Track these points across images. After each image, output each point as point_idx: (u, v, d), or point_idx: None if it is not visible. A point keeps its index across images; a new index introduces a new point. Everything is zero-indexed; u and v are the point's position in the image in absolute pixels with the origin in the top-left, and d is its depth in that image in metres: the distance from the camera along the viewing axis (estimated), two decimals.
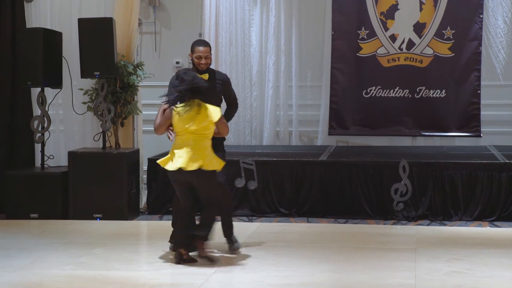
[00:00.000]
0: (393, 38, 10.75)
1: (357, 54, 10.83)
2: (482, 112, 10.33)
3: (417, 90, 10.70)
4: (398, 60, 10.75)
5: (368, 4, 10.75)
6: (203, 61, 7.04)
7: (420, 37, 10.66)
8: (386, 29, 10.76)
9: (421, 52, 10.65)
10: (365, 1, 10.74)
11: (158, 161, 6.91)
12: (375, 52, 10.79)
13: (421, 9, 10.68)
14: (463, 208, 8.75)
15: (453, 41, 10.58)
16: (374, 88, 10.79)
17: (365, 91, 10.81)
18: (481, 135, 10.50)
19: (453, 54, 10.57)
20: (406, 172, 8.74)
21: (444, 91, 10.63)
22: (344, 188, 8.95)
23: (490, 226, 8.53)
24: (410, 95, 10.71)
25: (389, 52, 10.77)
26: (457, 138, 10.69)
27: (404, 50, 10.75)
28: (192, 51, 7.05)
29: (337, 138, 10.99)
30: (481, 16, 10.50)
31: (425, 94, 10.62)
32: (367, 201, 8.90)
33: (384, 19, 10.76)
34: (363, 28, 10.80)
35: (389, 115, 10.75)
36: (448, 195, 8.76)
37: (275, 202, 9.06)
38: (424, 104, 10.65)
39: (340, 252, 7.38)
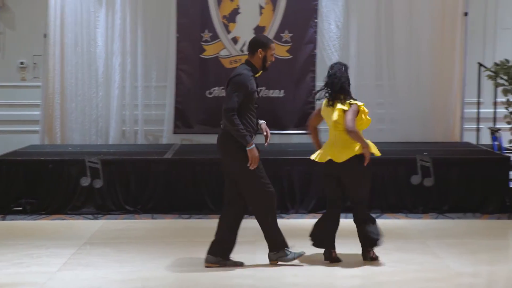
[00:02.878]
0: (235, 40, 11.10)
1: (201, 55, 11.09)
2: None
3: (258, 90, 11.05)
4: (240, 62, 10.89)
5: (211, 7, 11.04)
6: (273, 58, 6.95)
7: None
8: (228, 32, 11.10)
9: None
10: (208, 5, 11.02)
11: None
12: (218, 54, 11.10)
13: (260, 13, 11.09)
14: (299, 202, 9.19)
15: (290, 44, 11.04)
16: (217, 88, 11.08)
17: (208, 91, 11.08)
18: None
19: (291, 56, 11.02)
20: None
21: (283, 91, 11.08)
22: (188, 185, 9.18)
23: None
24: None
25: (231, 54, 11.11)
26: (294, 136, 11.12)
27: (245, 52, 11.00)
28: (267, 47, 6.78)
29: (182, 136, 11.22)
30: (315, 20, 11.00)
31: (265, 94, 11.01)
32: (210, 197, 9.15)
33: (226, 22, 11.09)
34: (206, 31, 11.08)
35: None
36: (286, 189, 9.17)
37: (120, 199, 9.16)
38: (264, 103, 10.93)
39: (184, 247, 7.58)
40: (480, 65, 10.81)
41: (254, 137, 6.83)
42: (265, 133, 6.90)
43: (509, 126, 9.61)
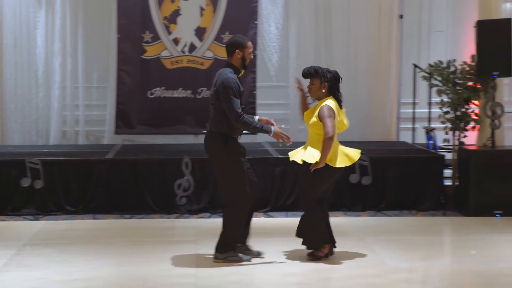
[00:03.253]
0: (176, 41, 11.13)
1: (142, 56, 11.08)
2: (258, 111, 10.83)
3: (199, 91, 11.11)
4: (181, 63, 11.14)
5: (152, 8, 11.04)
6: (252, 56, 7.01)
7: (201, 41, 11.10)
8: (169, 33, 11.12)
9: (202, 55, 11.11)
10: (148, 6, 11.03)
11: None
12: (159, 55, 11.10)
13: (201, 15, 11.12)
14: None
15: None
16: (158, 89, 11.10)
17: (150, 92, 11.09)
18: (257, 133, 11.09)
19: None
20: (189, 168, 9.14)
21: None
22: (129, 185, 9.18)
23: (264, 217, 9.08)
24: (192, 96, 11.11)
25: (172, 55, 11.13)
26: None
27: (187, 53, 11.14)
28: (244, 46, 6.88)
29: (123, 137, 11.19)
30: (255, 22, 11.08)
31: (206, 95, 11.02)
32: (151, 197, 9.18)
33: (167, 23, 11.11)
34: (147, 32, 11.08)
35: (173, 115, 11.09)
36: None
37: (61, 200, 9.12)
38: (206, 104, 10.89)
39: (125, 247, 7.60)
40: (415, 66, 11.06)
41: (240, 137, 6.99)
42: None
43: (443, 125, 9.85)
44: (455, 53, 11.04)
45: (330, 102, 6.87)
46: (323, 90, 6.93)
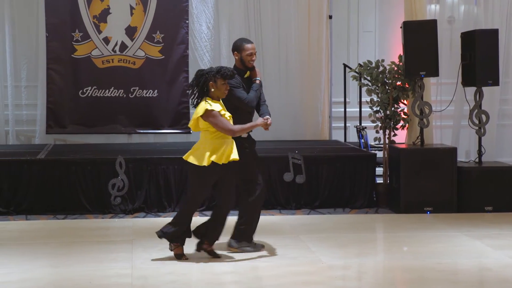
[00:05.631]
0: (106, 40, 11.04)
1: (72, 55, 10.97)
2: (191, 111, 10.65)
3: (131, 90, 11.05)
4: (112, 62, 11.05)
5: (81, 7, 10.93)
6: (254, 57, 7.08)
7: (132, 40, 11.04)
8: (100, 31, 11.02)
9: (133, 54, 11.05)
10: (77, 4, 10.91)
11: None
12: (89, 54, 11.00)
13: (131, 14, 11.06)
14: (175, 200, 9.27)
15: (162, 44, 11.06)
16: (90, 88, 11.00)
17: (81, 91, 10.98)
18: (191, 131, 11.08)
19: (163, 57, 11.04)
20: (123, 167, 9.08)
21: (156, 91, 11.07)
22: (62, 185, 9.11)
23: (199, 216, 9.08)
24: (125, 95, 11.04)
25: (103, 54, 11.04)
26: (169, 135, 11.16)
27: (118, 52, 11.06)
28: (241, 49, 7.10)
29: (55, 136, 11.07)
30: (187, 21, 11.07)
31: (138, 94, 11.01)
32: (85, 197, 9.12)
33: (97, 22, 11.01)
34: (77, 30, 10.96)
35: (105, 114, 11.01)
36: (162, 188, 9.26)
37: None
38: (138, 103, 11.01)
39: (60, 247, 7.54)
40: (345, 66, 11.23)
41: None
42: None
43: (374, 124, 10.01)
44: (384, 53, 11.27)
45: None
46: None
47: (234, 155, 6.82)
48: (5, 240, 7.88)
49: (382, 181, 9.84)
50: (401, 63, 9.83)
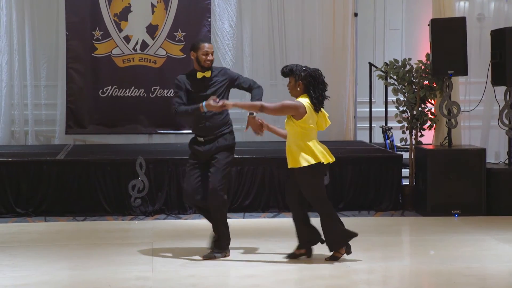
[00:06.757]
0: (127, 39, 10.98)
1: (92, 54, 10.92)
2: None
3: (152, 90, 11.00)
4: (133, 61, 10.99)
5: (102, 5, 10.89)
6: (210, 57, 7.05)
7: (153, 38, 10.98)
8: (120, 30, 10.97)
9: (154, 53, 10.98)
10: (98, 3, 10.87)
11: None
12: (110, 53, 10.95)
13: (153, 12, 11.00)
14: None
15: (184, 43, 10.97)
16: (110, 87, 10.95)
17: (101, 90, 10.93)
18: None
19: (185, 55, 10.93)
20: (143, 168, 9.03)
21: None
22: (82, 186, 9.05)
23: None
24: (145, 94, 10.99)
25: (123, 53, 10.98)
26: (190, 135, 11.06)
27: (138, 51, 11.01)
28: (197, 48, 7.05)
29: (75, 137, 11.03)
30: (209, 19, 11.00)
31: (159, 94, 10.94)
32: (105, 198, 9.06)
33: (118, 20, 10.95)
34: (97, 29, 10.91)
35: (125, 114, 10.96)
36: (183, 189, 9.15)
37: (11, 202, 8.96)
38: (159, 103, 10.95)
39: (79, 249, 7.50)
40: (371, 65, 11.07)
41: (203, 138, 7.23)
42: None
43: (400, 125, 9.86)
44: (411, 51, 11.10)
45: (303, 100, 6.91)
46: (298, 89, 6.98)
47: None
48: (24, 242, 7.86)
49: (408, 183, 9.69)
50: (428, 62, 9.69)
